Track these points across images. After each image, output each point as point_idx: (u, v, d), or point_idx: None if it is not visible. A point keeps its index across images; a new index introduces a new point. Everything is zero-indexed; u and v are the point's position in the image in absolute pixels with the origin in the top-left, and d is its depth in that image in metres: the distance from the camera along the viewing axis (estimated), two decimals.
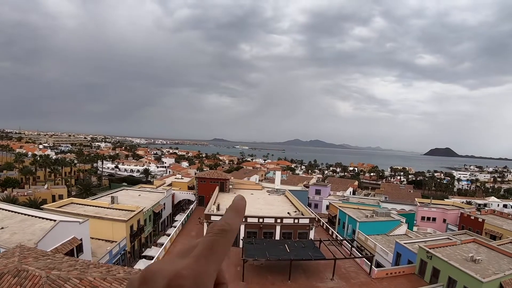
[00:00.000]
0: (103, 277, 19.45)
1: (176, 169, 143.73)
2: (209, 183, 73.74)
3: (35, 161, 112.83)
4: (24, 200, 67.63)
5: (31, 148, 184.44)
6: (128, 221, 46.23)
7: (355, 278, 39.07)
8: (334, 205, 70.06)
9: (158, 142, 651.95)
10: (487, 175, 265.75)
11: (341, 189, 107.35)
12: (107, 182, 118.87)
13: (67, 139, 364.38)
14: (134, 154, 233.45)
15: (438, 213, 77.47)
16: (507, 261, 36.27)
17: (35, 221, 34.04)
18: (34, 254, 22.20)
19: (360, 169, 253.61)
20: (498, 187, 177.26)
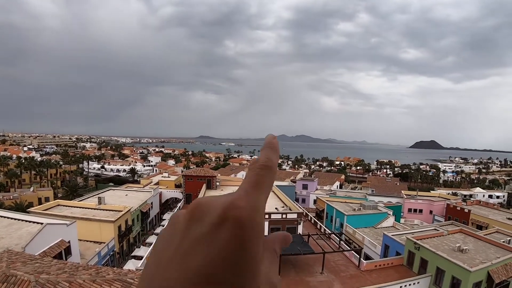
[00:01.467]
0: (93, 279, 19.38)
1: (162, 167, 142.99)
2: (196, 180, 73.60)
3: (20, 163, 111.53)
4: (10, 204, 66.96)
5: (16, 150, 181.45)
6: (116, 222, 45.96)
7: (344, 271, 39.37)
8: (321, 199, 70.42)
9: (144, 141, 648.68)
10: (472, 167, 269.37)
11: (328, 183, 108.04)
12: (93, 183, 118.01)
13: (52, 140, 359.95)
14: (120, 154, 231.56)
15: (424, 204, 78.32)
16: (494, 250, 36.80)
17: (22, 225, 33.67)
18: (22, 259, 22.00)
19: (347, 163, 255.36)
20: (483, 178, 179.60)
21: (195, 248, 0.73)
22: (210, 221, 0.73)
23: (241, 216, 0.72)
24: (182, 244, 0.73)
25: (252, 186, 0.72)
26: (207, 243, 0.73)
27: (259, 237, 0.73)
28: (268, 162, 0.72)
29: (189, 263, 0.72)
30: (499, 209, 68.65)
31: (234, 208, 0.72)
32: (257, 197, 0.72)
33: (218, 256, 0.73)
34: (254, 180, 0.72)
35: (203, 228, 0.73)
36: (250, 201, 0.72)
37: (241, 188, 0.73)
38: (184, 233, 0.72)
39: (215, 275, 0.72)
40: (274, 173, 0.73)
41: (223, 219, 0.72)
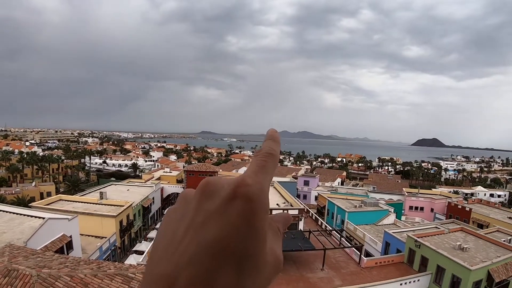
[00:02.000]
0: (94, 274, 19.47)
1: (164, 162, 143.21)
2: (197, 176, 73.62)
3: (22, 158, 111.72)
4: (12, 198, 67.07)
5: (18, 145, 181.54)
6: (118, 217, 46.11)
7: (345, 267, 39.45)
8: (322, 196, 70.53)
9: (146, 136, 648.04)
10: (474, 165, 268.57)
11: (329, 179, 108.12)
12: (95, 178, 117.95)
13: (54, 135, 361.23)
14: (121, 149, 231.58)
15: (425, 202, 78.30)
16: (494, 249, 36.83)
17: (24, 219, 33.78)
18: (23, 253, 22.10)
19: (348, 159, 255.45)
20: (485, 177, 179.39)
21: (209, 221, 0.77)
22: (222, 197, 0.77)
23: (250, 192, 0.77)
24: (197, 217, 0.77)
25: (258, 169, 0.77)
26: (220, 216, 0.77)
27: (265, 213, 0.78)
28: (271, 150, 0.77)
29: (205, 234, 0.76)
30: (500, 208, 68.58)
31: (244, 185, 0.76)
32: (263, 178, 0.77)
33: (231, 228, 0.77)
34: (259, 164, 0.77)
35: (216, 203, 0.77)
36: (257, 180, 0.77)
37: (249, 170, 0.77)
38: (197, 208, 0.77)
39: (229, 246, 0.77)
40: (276, 160, 0.78)
41: (234, 195, 0.77)
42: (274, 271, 0.77)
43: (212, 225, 0.77)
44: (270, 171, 0.78)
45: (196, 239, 0.77)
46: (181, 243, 0.76)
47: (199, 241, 0.76)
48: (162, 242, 0.76)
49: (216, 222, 0.77)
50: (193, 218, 0.77)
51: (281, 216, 0.83)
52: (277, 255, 0.77)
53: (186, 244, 0.76)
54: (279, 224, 0.79)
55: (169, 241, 0.76)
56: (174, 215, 0.77)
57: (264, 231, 0.78)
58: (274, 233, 0.78)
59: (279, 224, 0.80)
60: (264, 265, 0.78)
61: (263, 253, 0.78)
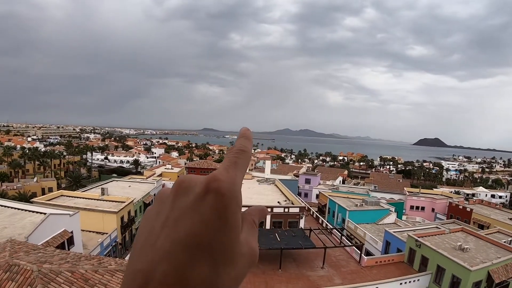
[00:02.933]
0: (95, 269, 19.53)
1: (166, 159, 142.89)
2: (199, 173, 73.85)
3: (24, 154, 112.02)
4: (13, 193, 67.28)
5: (20, 141, 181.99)
6: (119, 213, 46.15)
7: (345, 266, 39.48)
8: (324, 194, 70.53)
9: (148, 133, 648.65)
10: (476, 166, 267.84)
11: (330, 178, 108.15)
12: (96, 174, 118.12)
13: (56, 131, 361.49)
14: (123, 145, 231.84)
15: (426, 202, 78.27)
16: (495, 250, 36.83)
17: (25, 214, 33.87)
18: (25, 248, 22.17)
19: (350, 158, 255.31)
20: (486, 178, 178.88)
21: (183, 217, 0.80)
22: (195, 193, 0.80)
23: (222, 187, 0.80)
24: (171, 215, 0.80)
25: (230, 164, 0.80)
26: (193, 212, 0.80)
27: (238, 207, 0.80)
28: (242, 147, 0.80)
29: (180, 230, 0.79)
30: (501, 209, 68.52)
31: (216, 180, 0.79)
32: (235, 173, 0.80)
33: (204, 223, 0.80)
34: (231, 160, 0.80)
35: (189, 199, 0.80)
36: (229, 176, 0.79)
37: (221, 166, 0.80)
38: (172, 205, 0.80)
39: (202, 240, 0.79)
40: (248, 156, 0.81)
41: (206, 190, 0.80)
42: (249, 263, 0.80)
43: (185, 221, 0.80)
44: (242, 167, 0.81)
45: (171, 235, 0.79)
46: (157, 240, 0.79)
47: (173, 237, 0.79)
48: (140, 240, 0.78)
49: (189, 217, 0.80)
50: (168, 215, 0.80)
51: (256, 208, 0.85)
52: (252, 247, 0.81)
53: (162, 241, 0.79)
54: (254, 216, 0.81)
55: (146, 238, 0.79)
56: (151, 213, 0.79)
57: (237, 224, 0.81)
58: (249, 226, 0.81)
59: (255, 216, 0.81)
60: (238, 257, 0.80)
61: (237, 246, 0.81)
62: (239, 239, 0.81)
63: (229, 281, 0.80)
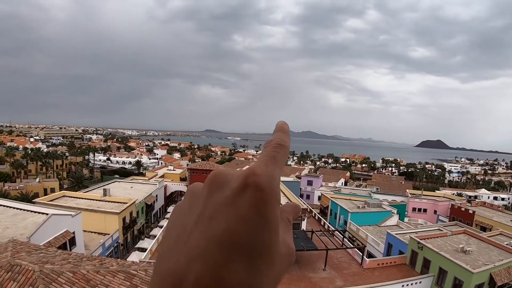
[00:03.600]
0: (97, 270, 19.52)
1: (168, 160, 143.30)
2: (201, 174, 73.68)
3: (26, 154, 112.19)
4: (16, 194, 67.42)
5: (22, 141, 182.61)
6: (121, 213, 46.25)
7: (347, 268, 39.45)
8: (326, 196, 70.49)
9: (150, 134, 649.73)
10: (478, 168, 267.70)
11: (333, 180, 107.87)
12: (99, 175, 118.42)
13: (58, 132, 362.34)
14: (125, 146, 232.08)
15: (429, 204, 78.10)
16: (497, 252, 36.72)
17: (27, 215, 33.93)
18: (26, 249, 22.19)
19: (352, 160, 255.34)
20: (489, 180, 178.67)
21: (219, 213, 0.75)
22: (231, 188, 0.75)
23: (261, 182, 0.75)
24: (206, 210, 0.75)
25: (268, 159, 0.75)
26: (230, 207, 0.75)
27: (277, 202, 0.76)
28: (281, 141, 0.75)
29: (215, 227, 0.75)
30: (504, 211, 68.31)
31: (254, 175, 0.75)
32: (274, 168, 0.75)
33: (242, 219, 0.75)
34: (270, 154, 0.75)
35: (225, 195, 0.75)
36: (268, 170, 0.75)
37: (259, 160, 0.76)
38: (206, 201, 0.75)
39: (240, 239, 0.75)
40: (287, 151, 0.76)
41: (244, 185, 0.75)
42: (287, 262, 0.76)
43: (221, 217, 0.75)
44: (281, 162, 0.76)
45: (206, 233, 0.75)
46: (190, 238, 0.75)
47: (208, 235, 0.75)
48: (170, 238, 0.74)
49: (225, 214, 0.76)
50: (202, 211, 0.76)
51: (291, 206, 0.81)
52: (289, 246, 0.76)
53: (195, 239, 0.75)
54: (288, 214, 0.78)
55: (178, 236, 0.75)
56: (182, 209, 0.75)
57: (277, 222, 0.76)
58: (285, 224, 0.76)
59: (289, 214, 0.78)
60: (277, 257, 0.76)
61: (276, 245, 0.76)
62: (279, 238, 0.76)
63: (268, 283, 0.75)
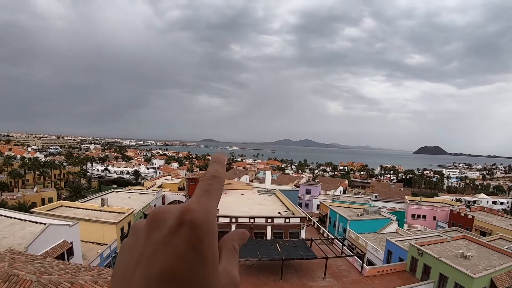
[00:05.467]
0: (95, 280, 19.35)
1: (166, 170, 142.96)
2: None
3: (24, 164, 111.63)
4: (13, 203, 66.97)
5: (20, 150, 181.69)
6: (119, 224, 45.94)
7: (346, 276, 39.25)
8: (324, 204, 70.34)
9: (148, 143, 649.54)
10: (476, 173, 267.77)
11: (331, 188, 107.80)
12: (97, 184, 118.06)
13: (56, 141, 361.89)
14: (123, 156, 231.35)
15: (428, 210, 78.05)
16: (497, 256, 36.70)
17: (25, 224, 33.69)
18: (24, 259, 21.99)
19: (350, 168, 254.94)
20: (487, 184, 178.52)
21: (157, 251, 0.79)
22: (168, 226, 0.79)
23: (195, 218, 0.80)
24: (145, 250, 0.80)
25: (203, 192, 0.79)
26: (167, 245, 0.80)
27: (213, 236, 0.80)
28: (215, 173, 0.79)
29: (153, 265, 0.78)
30: (503, 216, 68.50)
31: (189, 211, 0.79)
32: (208, 202, 0.79)
33: (179, 257, 0.79)
34: (204, 188, 0.79)
35: (162, 233, 0.79)
36: (202, 205, 0.79)
37: (194, 196, 0.80)
38: (146, 240, 0.79)
39: (177, 276, 0.79)
40: (221, 182, 0.80)
41: (179, 222, 0.79)
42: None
43: (159, 256, 0.79)
44: (216, 193, 0.80)
45: (145, 273, 0.78)
46: (132, 278, 0.79)
47: (148, 275, 0.78)
48: (116, 278, 0.78)
49: (163, 252, 0.79)
50: (142, 251, 0.80)
51: (236, 233, 0.82)
52: (232, 276, 0.79)
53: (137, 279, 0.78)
54: (234, 242, 0.80)
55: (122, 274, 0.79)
56: (127, 247, 0.79)
57: (214, 255, 0.80)
58: (228, 253, 0.80)
59: (235, 242, 0.80)
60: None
61: (214, 278, 0.80)
62: (217, 271, 0.80)
63: None
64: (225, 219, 46.69)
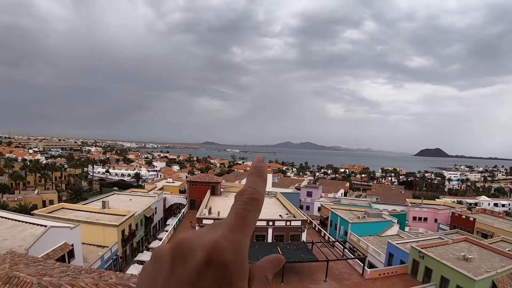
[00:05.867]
0: (95, 283, 19.30)
1: (167, 173, 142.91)
2: (200, 186, 73.39)
3: (25, 166, 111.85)
4: (14, 205, 67.10)
5: (21, 153, 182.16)
6: (120, 226, 45.95)
7: (348, 279, 39.15)
8: (325, 207, 70.24)
9: (149, 146, 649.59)
10: (478, 175, 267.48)
11: (332, 190, 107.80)
12: (98, 187, 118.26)
13: (57, 144, 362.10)
14: (124, 158, 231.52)
15: (429, 213, 77.94)
16: (499, 259, 36.57)
17: (26, 226, 33.71)
18: (25, 261, 21.98)
19: (351, 170, 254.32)
20: (489, 186, 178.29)
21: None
22: (195, 263, 0.73)
23: (225, 259, 0.73)
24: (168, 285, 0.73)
25: (237, 222, 0.72)
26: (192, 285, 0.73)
27: (244, 277, 0.73)
28: (254, 194, 0.71)
29: None
30: (505, 218, 68.26)
31: (219, 250, 0.72)
32: (241, 234, 0.72)
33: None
34: (239, 215, 0.72)
35: (188, 270, 0.73)
36: (234, 241, 0.72)
37: (227, 223, 0.72)
38: (169, 275, 0.73)
39: None
40: (260, 204, 0.72)
41: (208, 262, 0.73)
42: None
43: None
44: (252, 221, 0.73)
45: None
46: None
47: None
48: None
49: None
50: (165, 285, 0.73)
51: (269, 261, 0.75)
52: None
53: None
54: (267, 271, 0.74)
55: None
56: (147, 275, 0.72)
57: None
58: (260, 284, 0.74)
59: (268, 271, 0.74)
60: None
61: None
62: None
63: None
64: None
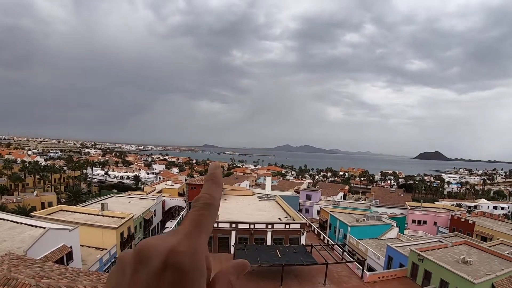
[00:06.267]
0: (94, 285, 19.25)
1: (166, 175, 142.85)
2: (199, 189, 69.23)
3: (24, 167, 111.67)
4: (13, 207, 66.91)
5: (20, 154, 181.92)
6: (119, 228, 45.88)
7: (347, 282, 39.10)
8: (325, 210, 70.20)
9: (148, 149, 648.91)
10: (477, 178, 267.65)
11: (331, 194, 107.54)
12: (97, 189, 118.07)
13: (56, 145, 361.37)
14: (124, 161, 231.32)
15: (428, 216, 77.91)
16: (498, 262, 36.58)
17: (24, 228, 33.62)
18: (23, 262, 21.92)
19: (351, 173, 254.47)
20: (488, 189, 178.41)
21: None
22: (154, 266, 0.77)
23: (182, 262, 0.76)
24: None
25: (193, 227, 0.76)
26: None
27: (200, 278, 0.77)
28: (209, 199, 0.74)
29: None
30: (504, 221, 68.41)
31: (175, 254, 0.76)
32: (197, 240, 0.76)
33: None
34: (195, 220, 0.75)
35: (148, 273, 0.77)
36: (190, 245, 0.75)
37: (183, 228, 0.76)
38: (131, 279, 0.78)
39: None
40: (216, 210, 0.76)
41: (165, 265, 0.77)
42: None
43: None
44: (208, 226, 0.76)
45: None
46: None
47: None
48: None
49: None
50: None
51: (233, 266, 0.78)
52: None
53: None
54: (231, 275, 0.77)
55: None
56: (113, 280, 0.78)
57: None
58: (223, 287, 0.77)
59: (232, 275, 0.77)
60: None
61: None
62: None
63: None
64: (225, 225, 46.70)
